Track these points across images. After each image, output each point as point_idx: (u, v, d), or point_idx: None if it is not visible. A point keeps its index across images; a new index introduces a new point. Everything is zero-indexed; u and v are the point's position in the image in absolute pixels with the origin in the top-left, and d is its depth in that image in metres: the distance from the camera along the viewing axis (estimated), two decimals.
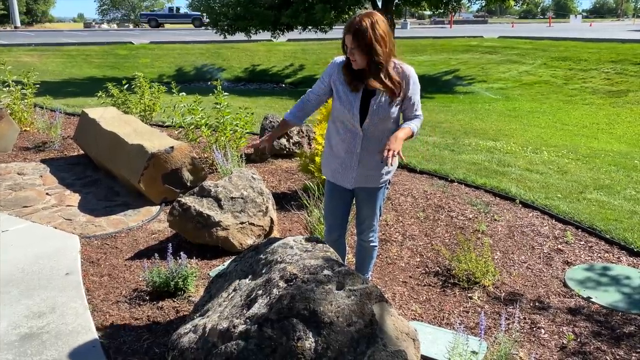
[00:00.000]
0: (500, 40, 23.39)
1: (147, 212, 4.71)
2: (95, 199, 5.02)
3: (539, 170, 6.49)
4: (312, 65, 21.60)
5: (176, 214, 3.88)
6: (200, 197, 3.96)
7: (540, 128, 10.45)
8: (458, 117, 11.10)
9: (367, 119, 2.68)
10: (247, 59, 22.72)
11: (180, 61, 22.26)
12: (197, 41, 25.34)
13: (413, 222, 4.66)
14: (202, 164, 5.03)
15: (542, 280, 3.71)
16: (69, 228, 4.34)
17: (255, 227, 4.00)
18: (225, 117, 5.91)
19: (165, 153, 4.70)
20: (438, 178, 6.03)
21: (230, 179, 4.13)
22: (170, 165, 4.76)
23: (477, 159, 6.96)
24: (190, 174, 4.92)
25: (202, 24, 36.03)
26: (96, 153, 5.62)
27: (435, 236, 4.41)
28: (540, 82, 16.23)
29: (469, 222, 4.71)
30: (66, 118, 8.85)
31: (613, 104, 13.22)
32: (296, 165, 6.39)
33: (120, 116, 6.09)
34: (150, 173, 4.67)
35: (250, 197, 4.07)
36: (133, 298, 3.33)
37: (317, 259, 2.39)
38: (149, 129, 5.53)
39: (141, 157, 4.69)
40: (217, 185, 4.02)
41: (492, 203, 5.20)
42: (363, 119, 2.69)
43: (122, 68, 20.95)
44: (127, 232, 4.33)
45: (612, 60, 16.76)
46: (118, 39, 26.99)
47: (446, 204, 5.12)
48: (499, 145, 8.03)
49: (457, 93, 15.70)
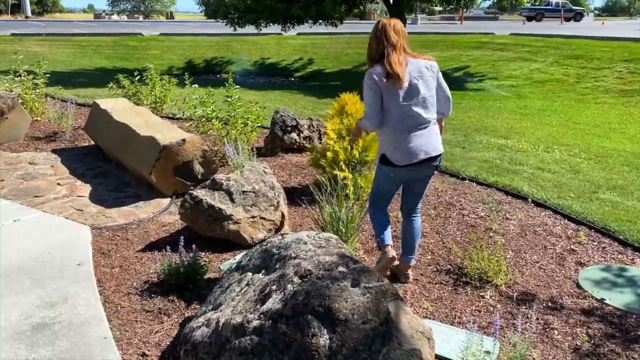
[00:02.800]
0: (512, 37, 23.18)
1: (158, 204, 4.71)
2: (106, 190, 5.02)
3: (550, 169, 6.43)
4: (321, 60, 21.52)
5: (188, 206, 3.87)
6: (212, 190, 3.96)
7: (552, 127, 10.35)
8: (469, 114, 11.03)
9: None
10: (256, 52, 22.68)
11: (190, 53, 22.25)
12: (207, 34, 25.32)
13: (424, 220, 4.63)
14: (213, 157, 5.02)
15: (555, 280, 3.68)
16: (80, 219, 4.35)
17: (266, 221, 3.98)
18: (237, 111, 5.89)
19: (177, 145, 4.69)
20: (449, 175, 5.99)
21: (242, 172, 4.12)
22: (182, 158, 4.75)
23: (488, 156, 6.91)
24: (201, 167, 4.91)
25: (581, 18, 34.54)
26: (107, 144, 5.62)
27: (447, 234, 4.38)
28: (551, 80, 16.08)
29: (480, 220, 4.67)
30: (77, 108, 8.87)
31: (625, 104, 13.08)
32: (307, 159, 6.37)
33: (132, 108, 6.09)
34: (161, 165, 4.67)
35: (261, 191, 4.05)
36: (144, 290, 3.33)
37: (331, 255, 2.37)
38: (160, 121, 5.53)
39: (153, 149, 4.68)
40: (229, 178, 4.01)
41: (504, 202, 5.16)
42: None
43: (132, 59, 20.97)
44: (138, 224, 4.33)
45: (625, 59, 16.57)
46: (128, 30, 27.02)
47: (457, 202, 5.08)
48: (510, 143, 7.97)
49: (468, 90, 15.60)
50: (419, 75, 3.14)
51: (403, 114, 3.13)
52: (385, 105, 3.13)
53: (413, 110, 3.13)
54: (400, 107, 3.12)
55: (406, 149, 3.15)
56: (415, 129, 3.15)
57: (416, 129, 3.15)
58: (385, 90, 3.09)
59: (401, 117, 3.13)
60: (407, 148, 3.15)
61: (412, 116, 3.14)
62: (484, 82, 16.80)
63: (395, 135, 3.16)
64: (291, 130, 6.60)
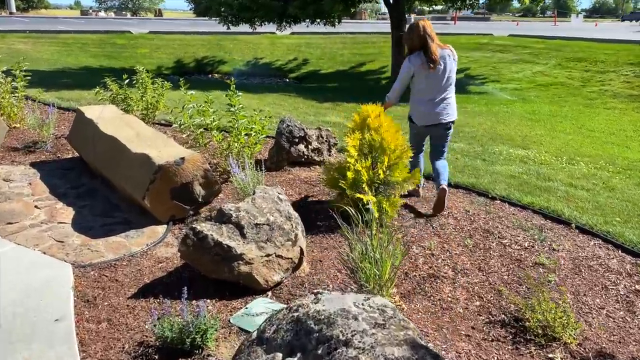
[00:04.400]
0: (511, 38, 22.73)
1: (152, 233, 4.05)
2: (91, 215, 4.35)
3: (583, 186, 5.86)
4: (316, 60, 20.90)
5: (190, 243, 3.22)
6: (219, 224, 3.31)
7: (566, 134, 9.82)
8: (478, 120, 10.46)
9: None
10: (249, 51, 21.99)
11: (180, 52, 21.51)
12: (198, 32, 24.56)
13: (461, 252, 4.02)
14: (215, 176, 4.36)
15: (629, 333, 3.09)
16: (61, 253, 3.67)
17: (283, 259, 3.35)
18: (241, 121, 5.24)
19: (174, 165, 4.03)
20: (477, 194, 5.39)
21: (253, 200, 3.47)
22: (180, 179, 4.10)
23: (513, 170, 6.33)
24: (202, 188, 4.26)
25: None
26: (93, 159, 4.94)
27: (491, 271, 3.77)
28: (556, 83, 15.60)
29: (525, 252, 4.07)
30: (60, 113, 8.15)
31: (636, 109, 12.61)
32: (316, 174, 5.74)
33: (121, 116, 5.41)
34: (156, 188, 4.01)
35: (277, 223, 3.41)
36: (138, 355, 2.67)
37: (399, 344, 1.74)
38: (154, 133, 4.86)
39: (147, 169, 4.02)
40: (239, 209, 3.36)
41: (544, 227, 4.57)
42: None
43: (119, 58, 20.19)
44: (129, 260, 3.66)
45: (631, 62, 16.15)
46: (116, 27, 26.16)
47: (494, 228, 4.48)
48: (531, 154, 7.40)
49: (471, 93, 15.05)
50: (444, 61, 4.45)
51: (432, 88, 4.50)
52: (418, 82, 4.51)
53: (440, 86, 4.50)
54: (430, 85, 4.49)
55: (424, 115, 4.62)
56: (440, 101, 4.55)
57: (440, 100, 4.54)
58: (421, 72, 4.43)
59: (431, 91, 4.52)
60: (425, 115, 4.62)
61: (439, 91, 4.52)
62: (486, 84, 16.29)
63: (417, 106, 4.64)
64: (299, 141, 5.96)
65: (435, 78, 4.45)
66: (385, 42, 22.48)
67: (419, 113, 4.64)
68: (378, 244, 3.11)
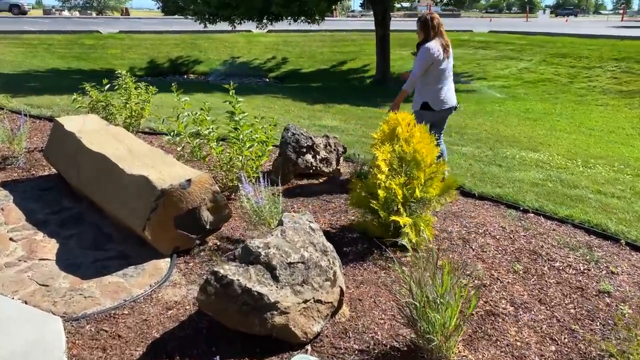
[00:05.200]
0: (491, 35, 22.54)
1: (155, 269, 3.43)
2: (79, 248, 3.69)
3: (613, 193, 5.46)
4: (296, 59, 20.29)
5: (211, 291, 2.62)
6: (245, 265, 2.72)
7: (568, 133, 9.49)
8: (477, 120, 10.05)
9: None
10: (225, 50, 21.24)
11: (153, 52, 20.62)
12: (171, 31, 23.66)
13: (513, 280, 3.52)
14: (224, 199, 3.75)
15: None
16: (47, 302, 3.03)
17: (322, 305, 2.78)
18: (245, 132, 4.63)
19: (180, 189, 3.41)
20: (506, 206, 4.92)
21: (283, 233, 2.89)
22: (186, 205, 3.48)
23: (534, 177, 5.89)
24: (210, 214, 3.65)
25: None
26: (77, 180, 4.27)
27: (554, 304, 3.27)
28: (543, 80, 15.37)
29: (582, 277, 3.60)
30: (31, 122, 7.37)
31: (628, 106, 12.42)
32: (327, 188, 5.18)
33: (106, 128, 4.75)
34: (159, 216, 3.39)
35: (313, 260, 2.84)
36: None
37: None
38: (148, 149, 4.22)
39: (146, 194, 3.39)
40: (268, 245, 2.78)
41: (593, 245, 4.12)
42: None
43: (89, 59, 19.22)
44: (131, 307, 3.04)
45: (615, 57, 16.04)
46: (83, 27, 25.02)
47: (540, 248, 3.99)
48: (544, 157, 7.00)
49: (459, 91, 14.62)
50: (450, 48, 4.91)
51: (446, 74, 4.88)
52: (435, 68, 4.77)
53: (449, 73, 4.93)
54: (444, 70, 4.84)
55: (445, 99, 4.90)
56: (450, 84, 4.97)
57: (450, 84, 4.97)
58: (438, 59, 4.75)
59: (445, 76, 4.88)
60: (445, 99, 4.90)
61: (449, 77, 4.95)
62: (472, 82, 15.97)
63: (438, 92, 4.85)
64: (306, 151, 5.39)
65: (448, 63, 4.88)
66: (366, 40, 22.03)
67: (437, 98, 4.87)
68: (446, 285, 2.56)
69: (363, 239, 3.99)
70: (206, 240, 3.80)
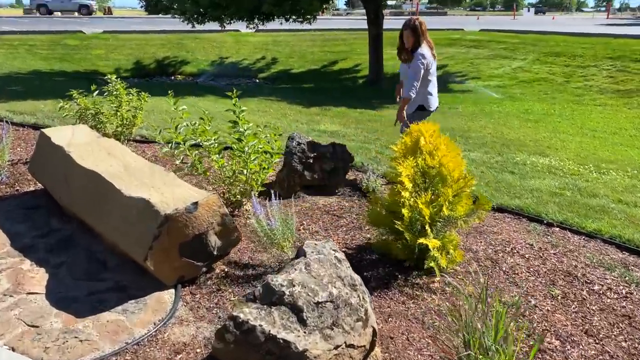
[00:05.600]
0: (483, 33, 22.34)
1: (158, 303, 3.06)
2: (71, 278, 3.32)
3: (635, 202, 5.21)
4: (286, 59, 19.89)
5: (230, 339, 2.28)
6: (267, 307, 2.37)
7: (570, 135, 9.27)
8: (479, 122, 9.78)
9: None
10: (213, 50, 20.77)
11: (138, 53, 20.07)
12: (157, 31, 23.11)
13: (554, 308, 3.22)
14: (234, 222, 3.40)
15: None
16: (38, 347, 2.65)
17: (355, 349, 2.45)
18: (250, 144, 4.28)
19: (185, 213, 3.05)
20: (528, 219, 4.63)
21: (307, 267, 2.55)
22: (193, 230, 3.12)
23: (550, 185, 5.62)
24: (218, 238, 3.29)
25: None
26: (68, 200, 3.89)
27: (602, 335, 2.97)
28: (538, 79, 15.18)
29: (626, 302, 3.31)
30: (14, 130, 6.93)
31: (627, 105, 12.26)
32: (336, 201, 4.85)
33: (98, 140, 4.36)
34: (162, 244, 3.02)
35: (342, 298, 2.51)
36: None
37: None
38: (145, 165, 3.84)
39: (148, 220, 3.03)
40: (292, 282, 2.43)
41: (628, 263, 3.84)
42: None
43: (72, 61, 18.63)
44: (134, 351, 2.67)
45: (609, 56, 15.91)
46: (65, 27, 24.34)
47: (574, 269, 3.70)
48: (554, 163, 6.74)
49: (454, 92, 14.44)
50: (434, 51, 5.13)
51: (434, 76, 5.09)
52: (426, 72, 4.95)
53: (435, 74, 5.12)
54: (434, 72, 5.07)
55: (434, 100, 5.17)
56: (436, 86, 5.18)
57: (436, 86, 5.18)
58: (430, 63, 4.95)
59: (434, 78, 5.10)
60: (435, 99, 5.17)
61: (435, 77, 5.13)
62: (467, 82, 15.73)
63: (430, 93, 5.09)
64: (313, 161, 5.05)
65: (434, 65, 5.10)
66: (356, 39, 21.71)
67: (430, 99, 5.13)
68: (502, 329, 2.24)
69: (383, 262, 3.67)
70: (213, 267, 3.44)
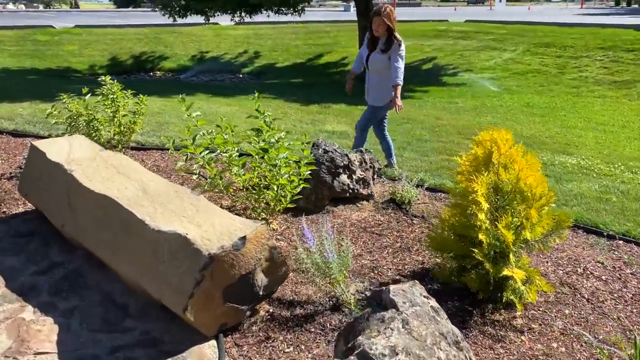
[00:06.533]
0: (469, 24, 22.02)
1: (199, 359, 2.50)
2: (87, 330, 2.73)
3: None
4: (269, 52, 19.22)
5: None
6: None
7: (582, 130, 8.95)
8: (485, 118, 9.39)
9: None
10: (193, 45, 19.96)
11: (114, 48, 19.15)
12: (132, 25, 22.14)
13: None
14: (282, 255, 2.84)
15: None
16: None
17: None
18: (281, 156, 3.72)
19: (233, 251, 2.49)
20: (584, 231, 4.20)
21: (406, 325, 2.03)
22: (239, 271, 2.57)
23: (591, 189, 5.22)
24: (264, 276, 2.75)
25: None
26: (72, 229, 3.28)
27: None
28: (532, 71, 14.90)
29: None
30: None
31: (627, 97, 12.04)
32: (370, 215, 4.33)
33: (102, 155, 3.75)
34: (205, 290, 2.46)
35: None
36: None
37: None
38: (168, 186, 3.25)
39: (187, 261, 2.46)
40: (395, 349, 1.91)
41: None
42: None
43: (44, 57, 17.64)
44: None
45: (601, 46, 15.74)
46: (33, 21, 23.14)
47: None
48: (582, 162, 6.37)
49: (449, 85, 14.05)
50: None
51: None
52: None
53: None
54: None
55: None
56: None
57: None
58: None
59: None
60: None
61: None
62: (459, 74, 15.36)
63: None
64: (342, 171, 4.52)
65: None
66: (339, 31, 21.18)
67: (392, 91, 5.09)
68: None
69: (447, 292, 3.17)
70: (257, 309, 2.89)
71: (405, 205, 4.52)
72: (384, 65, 5.07)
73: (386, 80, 5.07)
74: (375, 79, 5.23)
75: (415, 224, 4.23)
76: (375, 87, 5.28)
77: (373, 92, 5.31)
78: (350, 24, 19.89)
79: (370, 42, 5.20)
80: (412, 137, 7.13)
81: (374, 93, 5.31)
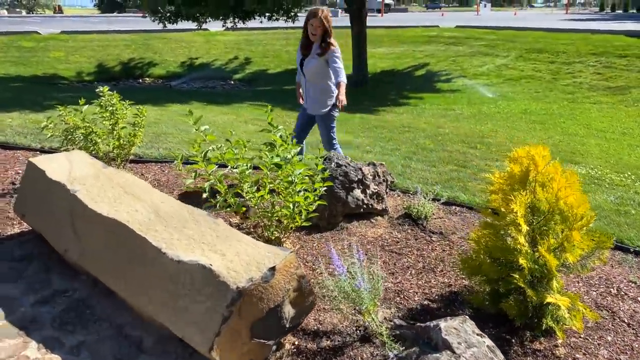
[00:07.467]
0: (460, 30, 22.01)
1: None
2: None
3: None
4: (260, 58, 19.00)
5: None
6: None
7: (583, 137, 8.86)
8: (486, 126, 9.26)
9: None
10: (182, 51, 19.66)
11: (101, 55, 18.76)
12: (119, 30, 21.77)
13: None
14: (309, 284, 2.63)
15: None
16: None
17: None
18: (297, 172, 3.51)
19: (262, 283, 2.28)
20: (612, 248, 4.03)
21: None
22: (267, 304, 2.35)
23: (608, 201, 5.08)
24: (292, 307, 2.53)
25: None
26: (76, 254, 3.03)
27: None
28: (525, 77, 14.86)
29: None
30: None
31: (623, 103, 12.02)
32: (386, 231, 4.14)
33: (105, 173, 3.51)
34: (232, 327, 2.24)
35: None
36: None
37: None
38: (182, 208, 3.02)
39: (213, 295, 2.24)
40: None
41: None
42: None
43: (29, 64, 17.19)
44: None
45: (592, 52, 15.77)
46: (16, 27, 22.66)
47: None
48: (592, 172, 6.25)
49: (443, 91, 13.95)
50: None
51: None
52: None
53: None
54: None
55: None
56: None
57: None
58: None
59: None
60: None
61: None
62: (453, 81, 15.26)
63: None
64: (356, 186, 4.32)
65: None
66: None
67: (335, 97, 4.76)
68: None
69: (481, 318, 2.97)
70: (282, 342, 2.67)
71: (421, 221, 4.34)
72: (322, 69, 4.67)
73: (325, 85, 4.72)
74: (313, 85, 4.78)
75: (434, 241, 4.05)
76: (314, 94, 4.80)
77: (313, 100, 4.83)
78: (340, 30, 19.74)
79: (303, 46, 4.78)
80: (417, 146, 6.95)
81: (313, 100, 4.83)
